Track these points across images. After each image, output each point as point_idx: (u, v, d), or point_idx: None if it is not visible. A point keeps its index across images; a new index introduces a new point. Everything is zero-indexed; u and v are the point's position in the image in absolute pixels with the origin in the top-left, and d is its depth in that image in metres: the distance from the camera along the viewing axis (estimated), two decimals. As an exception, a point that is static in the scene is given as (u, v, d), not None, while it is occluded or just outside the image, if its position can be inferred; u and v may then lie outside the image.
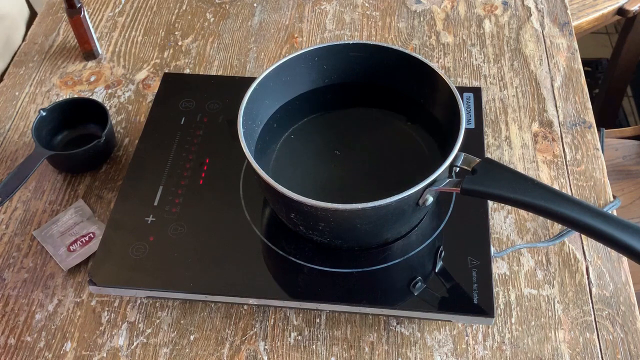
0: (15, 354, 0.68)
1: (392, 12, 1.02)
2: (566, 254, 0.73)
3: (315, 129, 0.75)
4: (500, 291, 0.70)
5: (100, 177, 0.82)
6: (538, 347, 0.67)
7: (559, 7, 1.01)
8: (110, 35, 1.00)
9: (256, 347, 0.68)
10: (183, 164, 0.76)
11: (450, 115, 0.67)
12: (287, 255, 0.68)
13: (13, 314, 0.71)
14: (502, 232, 0.75)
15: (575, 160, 0.82)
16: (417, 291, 0.65)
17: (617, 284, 0.71)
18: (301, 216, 0.64)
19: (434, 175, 0.60)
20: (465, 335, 0.68)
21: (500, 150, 0.83)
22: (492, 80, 0.91)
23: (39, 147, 0.78)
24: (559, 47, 0.95)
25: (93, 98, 0.88)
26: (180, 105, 0.82)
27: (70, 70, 0.95)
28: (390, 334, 0.68)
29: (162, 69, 0.94)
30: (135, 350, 0.68)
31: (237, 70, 0.94)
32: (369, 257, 0.67)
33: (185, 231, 0.70)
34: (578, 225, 0.56)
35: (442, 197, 0.71)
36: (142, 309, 0.70)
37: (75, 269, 0.73)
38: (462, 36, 0.97)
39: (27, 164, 0.76)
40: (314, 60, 0.74)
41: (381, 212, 0.61)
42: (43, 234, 0.76)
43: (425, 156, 0.72)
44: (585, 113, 0.87)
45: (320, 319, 0.69)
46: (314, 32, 0.99)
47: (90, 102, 0.85)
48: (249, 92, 0.68)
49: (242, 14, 1.03)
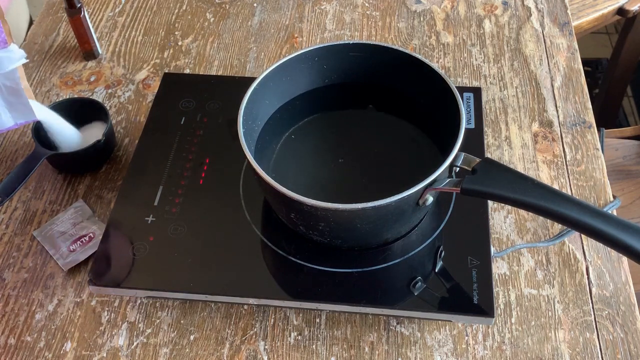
0: (15, 354, 0.68)
1: (392, 12, 1.02)
2: (566, 254, 0.73)
3: (315, 129, 0.75)
4: (500, 291, 0.70)
5: (100, 177, 0.82)
6: (538, 347, 0.67)
7: (559, 7, 1.01)
8: (110, 35, 1.00)
9: (256, 347, 0.68)
10: (183, 164, 0.76)
11: (450, 115, 0.67)
12: (287, 255, 0.68)
13: (13, 314, 0.71)
14: (502, 232, 0.75)
15: (575, 160, 0.82)
16: (417, 291, 0.65)
17: (617, 284, 0.71)
18: (301, 216, 0.64)
19: (434, 175, 0.60)
20: (465, 335, 0.68)
21: (500, 150, 0.83)
22: (492, 80, 0.91)
23: (39, 147, 0.78)
24: (559, 47, 0.95)
25: (93, 98, 0.88)
26: (180, 105, 0.82)
27: (70, 70, 0.95)
28: (390, 334, 0.68)
29: (162, 69, 0.94)
30: (135, 350, 0.68)
31: (237, 70, 0.94)
32: (369, 257, 0.67)
33: (185, 231, 0.70)
34: (578, 225, 0.56)
35: (442, 197, 0.71)
36: (142, 309, 0.70)
37: (75, 269, 0.73)
38: (462, 36, 0.97)
39: (27, 164, 0.76)
40: (314, 60, 0.74)
41: (381, 212, 0.61)
42: (43, 234, 0.76)
43: (425, 156, 0.72)
44: (585, 113, 0.87)
45: (320, 318, 0.69)
46: (314, 32, 0.99)
47: (91, 102, 0.85)
48: (249, 92, 0.68)
49: (242, 14, 1.03)
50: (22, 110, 0.71)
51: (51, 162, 0.82)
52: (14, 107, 0.70)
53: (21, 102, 0.70)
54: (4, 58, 0.67)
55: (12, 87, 0.69)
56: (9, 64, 0.68)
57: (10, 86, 0.69)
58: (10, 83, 0.69)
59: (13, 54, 0.68)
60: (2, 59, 0.67)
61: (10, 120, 0.71)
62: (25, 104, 0.71)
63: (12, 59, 0.68)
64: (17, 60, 0.68)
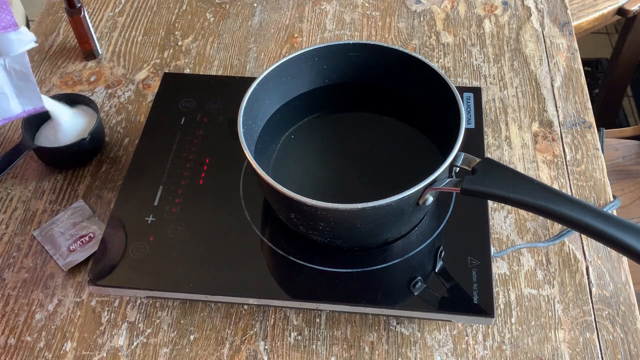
0: (15, 354, 0.68)
1: (392, 12, 1.02)
2: (566, 254, 0.73)
3: (315, 129, 0.75)
4: (500, 291, 0.70)
5: (100, 177, 0.82)
6: (538, 347, 0.67)
7: (559, 7, 1.01)
8: (110, 35, 1.00)
9: (256, 347, 0.68)
10: (183, 164, 0.76)
11: (450, 115, 0.67)
12: (287, 255, 0.68)
13: (13, 314, 0.71)
14: (502, 232, 0.75)
15: (575, 160, 0.82)
16: (417, 291, 0.65)
17: (617, 284, 0.71)
18: (301, 216, 0.64)
19: (434, 175, 0.60)
20: (465, 335, 0.68)
21: (500, 150, 0.83)
22: (492, 80, 0.91)
23: (25, 139, 0.78)
24: (559, 47, 0.95)
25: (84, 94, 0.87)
26: (180, 105, 0.82)
27: (70, 70, 0.95)
28: (390, 334, 0.68)
29: (162, 69, 0.94)
30: (135, 350, 0.68)
31: (237, 70, 0.94)
32: (369, 257, 0.67)
33: (185, 231, 0.70)
34: (578, 225, 0.56)
35: (442, 197, 0.71)
36: (142, 309, 0.70)
37: (75, 269, 0.73)
38: (462, 36, 0.97)
39: (11, 154, 0.77)
40: (313, 60, 0.74)
41: (381, 212, 0.61)
42: (43, 234, 0.76)
43: (425, 156, 0.72)
44: (585, 113, 0.87)
45: (320, 318, 0.69)
46: (314, 32, 0.99)
47: (81, 98, 0.84)
48: (249, 92, 0.68)
49: (242, 14, 1.03)
50: (30, 96, 0.70)
51: (39, 156, 0.82)
52: (22, 92, 0.69)
53: (30, 87, 0.69)
54: (14, 40, 0.66)
55: (21, 71, 0.68)
56: (20, 47, 0.67)
57: (20, 70, 0.68)
58: (20, 67, 0.68)
59: (23, 36, 0.67)
60: (13, 41, 0.66)
61: (19, 107, 0.70)
62: (34, 90, 0.70)
63: (22, 42, 0.67)
64: (28, 43, 0.67)
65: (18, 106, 0.70)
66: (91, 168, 0.83)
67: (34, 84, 0.69)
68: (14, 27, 0.65)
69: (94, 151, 0.83)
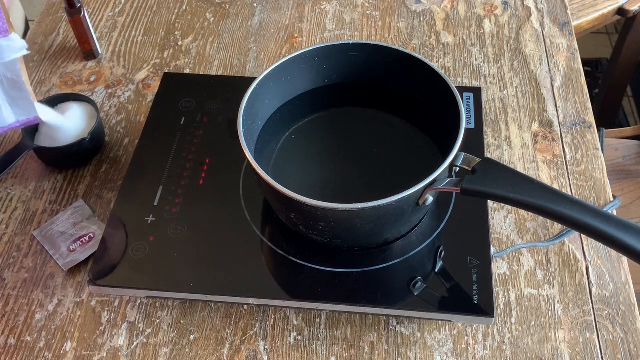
0: (15, 354, 0.68)
1: (392, 12, 1.02)
2: (566, 254, 0.73)
3: (315, 129, 0.75)
4: (500, 291, 0.70)
5: (100, 177, 0.82)
6: (538, 347, 0.67)
7: (559, 7, 1.01)
8: (110, 35, 1.00)
9: (256, 347, 0.68)
10: (183, 164, 0.76)
11: (450, 115, 0.67)
12: (287, 255, 0.68)
13: (13, 314, 0.71)
14: (502, 232, 0.75)
15: (575, 160, 0.82)
16: (417, 291, 0.65)
17: (617, 284, 0.71)
18: (301, 216, 0.64)
19: (434, 175, 0.60)
20: (465, 335, 0.68)
21: (500, 150, 0.83)
22: (492, 80, 0.91)
23: (25, 139, 0.78)
24: (559, 47, 0.95)
25: (84, 94, 0.87)
26: (180, 105, 0.82)
27: (70, 70, 0.95)
28: (390, 334, 0.68)
29: (162, 69, 0.94)
30: (135, 350, 0.68)
31: (237, 70, 0.94)
32: (369, 257, 0.67)
33: (185, 231, 0.70)
34: (578, 225, 0.56)
35: (442, 197, 0.71)
36: (142, 309, 0.70)
37: (75, 269, 0.73)
38: (462, 36, 0.97)
39: (11, 154, 0.77)
40: (313, 60, 0.74)
41: (381, 212, 0.61)
42: (43, 234, 0.76)
43: (425, 156, 0.72)
44: (585, 113, 0.87)
45: (320, 318, 0.69)
46: (314, 32, 0.99)
47: (81, 98, 0.84)
48: (249, 92, 0.68)
49: (242, 14, 1.03)
50: (24, 105, 0.68)
51: (39, 156, 0.82)
52: (15, 102, 0.68)
53: (23, 96, 0.67)
54: (4, 47, 0.64)
55: (13, 79, 0.66)
56: (10, 54, 0.65)
57: (12, 78, 0.66)
58: (11, 75, 0.66)
59: (14, 43, 0.64)
60: (3, 47, 0.64)
61: (12, 117, 0.68)
62: (27, 99, 0.68)
63: (13, 49, 0.65)
64: (19, 51, 0.65)
65: (11, 116, 0.68)
66: (91, 168, 0.83)
67: (26, 93, 0.67)
68: (4, 34, 0.63)
69: (94, 151, 0.83)
